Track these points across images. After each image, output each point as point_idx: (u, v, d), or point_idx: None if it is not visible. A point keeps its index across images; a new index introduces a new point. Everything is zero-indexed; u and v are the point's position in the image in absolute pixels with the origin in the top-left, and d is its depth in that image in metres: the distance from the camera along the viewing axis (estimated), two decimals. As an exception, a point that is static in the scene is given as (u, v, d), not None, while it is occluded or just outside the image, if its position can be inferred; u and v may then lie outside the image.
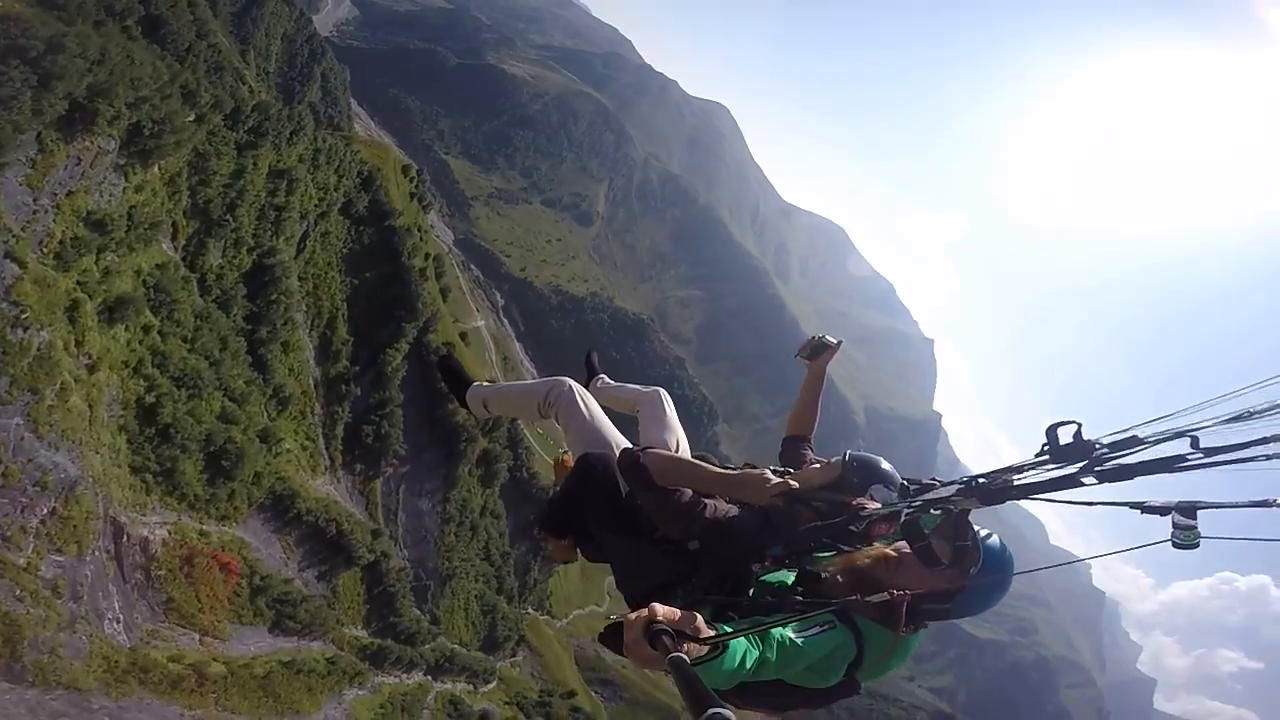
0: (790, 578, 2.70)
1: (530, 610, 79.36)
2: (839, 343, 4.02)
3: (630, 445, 3.49)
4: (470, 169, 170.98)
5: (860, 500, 2.64)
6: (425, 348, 57.84)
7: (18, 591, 19.70)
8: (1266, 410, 1.83)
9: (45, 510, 20.42)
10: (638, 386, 4.35)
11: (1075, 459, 2.39)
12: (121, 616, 26.01)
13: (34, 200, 20.82)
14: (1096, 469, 2.04)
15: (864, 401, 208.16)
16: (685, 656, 1.51)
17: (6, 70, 18.84)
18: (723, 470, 2.98)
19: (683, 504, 2.90)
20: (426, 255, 65.63)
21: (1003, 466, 2.44)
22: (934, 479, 3.34)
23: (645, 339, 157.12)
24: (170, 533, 29.10)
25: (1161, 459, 1.99)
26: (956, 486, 2.61)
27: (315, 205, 45.73)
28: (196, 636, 30.84)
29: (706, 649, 1.73)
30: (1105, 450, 2.34)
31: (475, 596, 65.46)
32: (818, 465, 3.04)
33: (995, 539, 2.44)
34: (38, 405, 19.67)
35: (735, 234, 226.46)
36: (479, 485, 66.26)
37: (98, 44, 22.87)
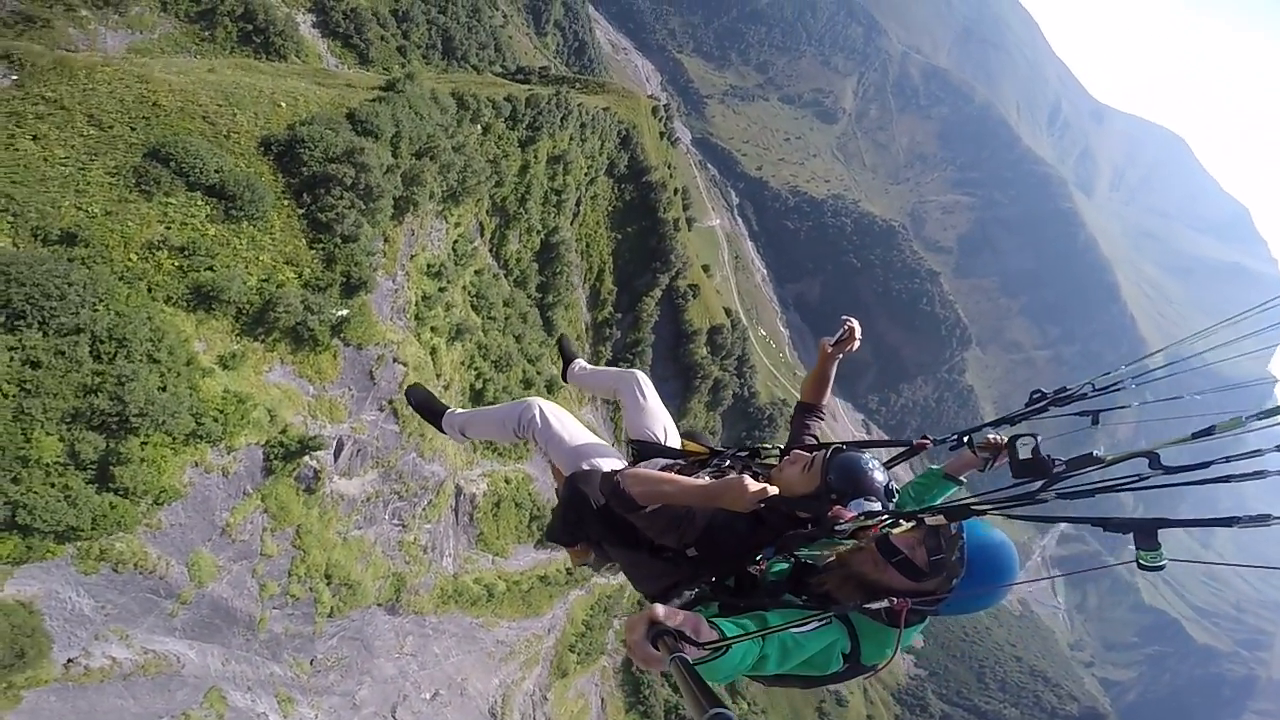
0: (784, 568, 2.77)
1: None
2: (842, 329, 3.53)
3: (613, 457, 3.55)
4: (703, 67, 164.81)
5: (837, 510, 2.62)
6: (675, 292, 62.33)
7: (406, 558, 28.12)
8: (1229, 427, 1.81)
9: (426, 502, 28.13)
10: (614, 370, 4.32)
11: (1035, 475, 2.52)
12: (453, 552, 34.65)
13: (393, 281, 25.59)
14: (1055, 487, 2.09)
15: (1167, 344, 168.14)
16: (687, 657, 1.58)
17: (335, 205, 21.29)
18: (701, 484, 2.92)
19: (673, 516, 2.93)
20: (675, 190, 67.63)
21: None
22: (926, 437, 3.39)
23: (894, 246, 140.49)
24: (488, 485, 37.25)
25: (1119, 479, 2.02)
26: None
27: (585, 173, 49.14)
28: (491, 558, 39.30)
29: (708, 650, 1.78)
30: (1063, 468, 2.43)
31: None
32: (797, 466, 2.90)
33: (989, 544, 2.39)
34: (423, 441, 26.51)
35: (1024, 136, 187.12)
36: (705, 410, 71.44)
37: (387, 117, 25.11)
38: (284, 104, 24.16)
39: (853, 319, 3.52)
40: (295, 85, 26.80)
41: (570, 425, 3.66)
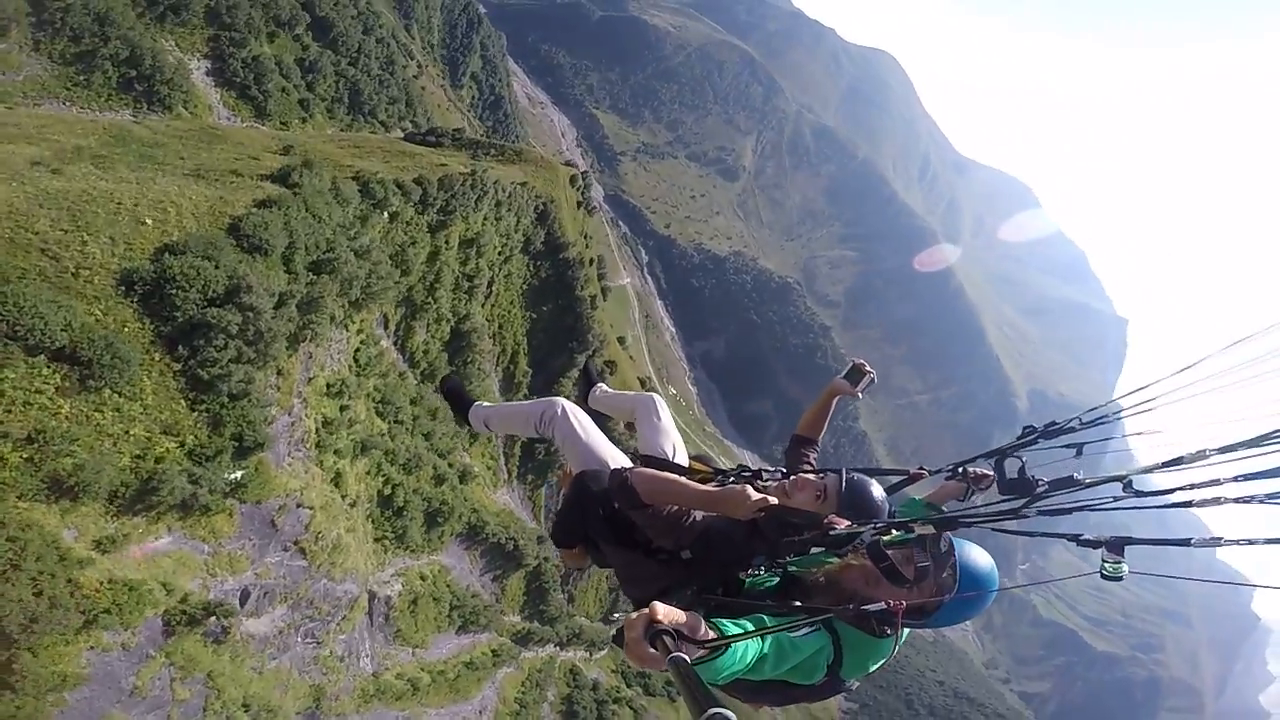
0: (774, 581, 2.85)
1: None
2: (866, 378, 3.96)
3: (624, 461, 3.69)
4: (618, 123, 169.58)
5: (831, 519, 2.68)
6: (591, 371, 62.52)
7: (324, 670, 26.94)
8: (1194, 459, 1.95)
9: (340, 617, 27.27)
10: (632, 393, 4.53)
11: (1019, 493, 2.75)
12: (370, 653, 33.44)
13: (289, 415, 23.16)
14: (1037, 504, 2.23)
15: (1029, 383, 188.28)
16: (686, 657, 1.55)
17: (218, 359, 18.53)
18: (705, 488, 3.07)
19: (672, 518, 3.05)
20: (591, 261, 68.74)
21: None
22: (922, 468, 3.63)
23: (790, 303, 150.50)
24: (403, 585, 36.16)
25: (1096, 500, 2.20)
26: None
27: (499, 253, 48.40)
28: (410, 650, 38.14)
29: (708, 650, 1.77)
30: (1046, 488, 2.67)
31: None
32: (808, 492, 3.07)
33: (975, 559, 2.49)
34: (333, 567, 25.80)
35: (899, 191, 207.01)
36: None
37: (279, 226, 22.20)
38: (149, 220, 20.56)
39: (863, 361, 3.94)
40: (164, 189, 22.85)
41: (589, 427, 3.80)
